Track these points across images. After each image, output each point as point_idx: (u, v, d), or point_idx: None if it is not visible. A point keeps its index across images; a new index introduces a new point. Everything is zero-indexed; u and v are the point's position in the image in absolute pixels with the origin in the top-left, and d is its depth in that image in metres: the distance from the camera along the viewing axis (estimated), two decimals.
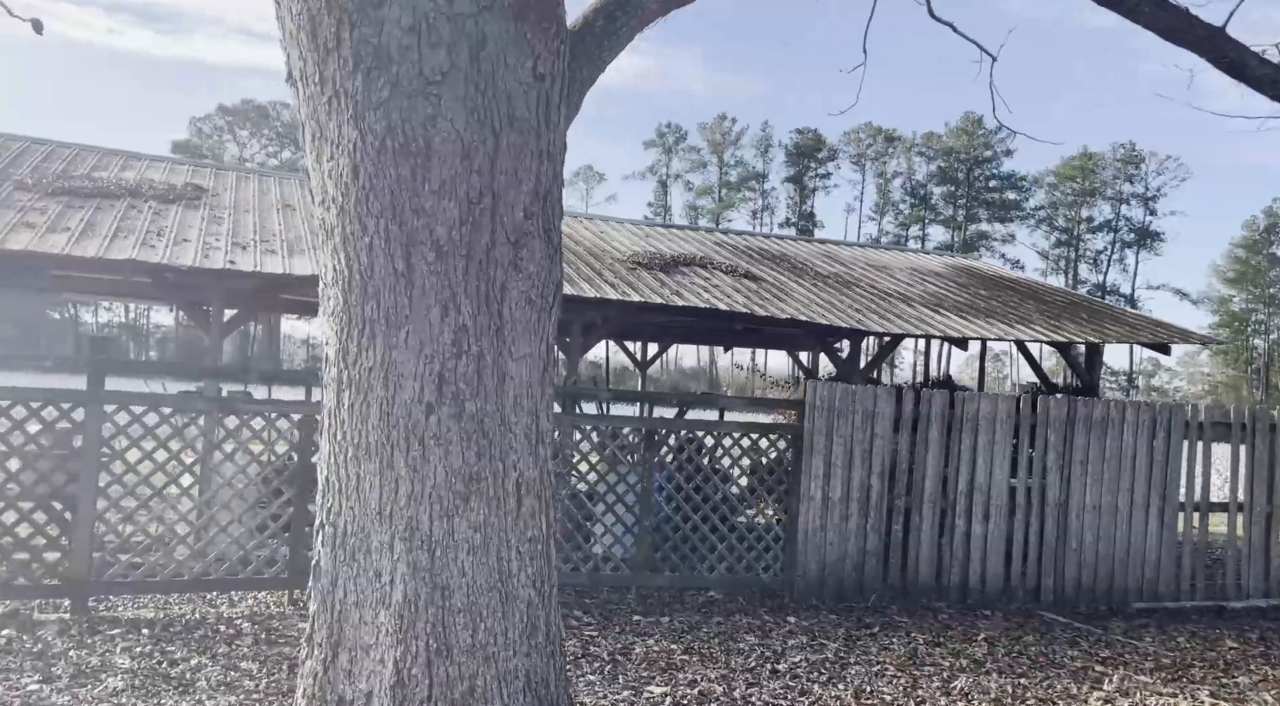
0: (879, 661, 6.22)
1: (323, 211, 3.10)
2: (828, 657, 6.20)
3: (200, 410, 6.94)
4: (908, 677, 5.83)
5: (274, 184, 12.64)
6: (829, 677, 5.72)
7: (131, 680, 4.93)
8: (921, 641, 6.96)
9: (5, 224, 8.24)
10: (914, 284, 14.28)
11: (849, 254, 16.43)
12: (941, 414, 8.87)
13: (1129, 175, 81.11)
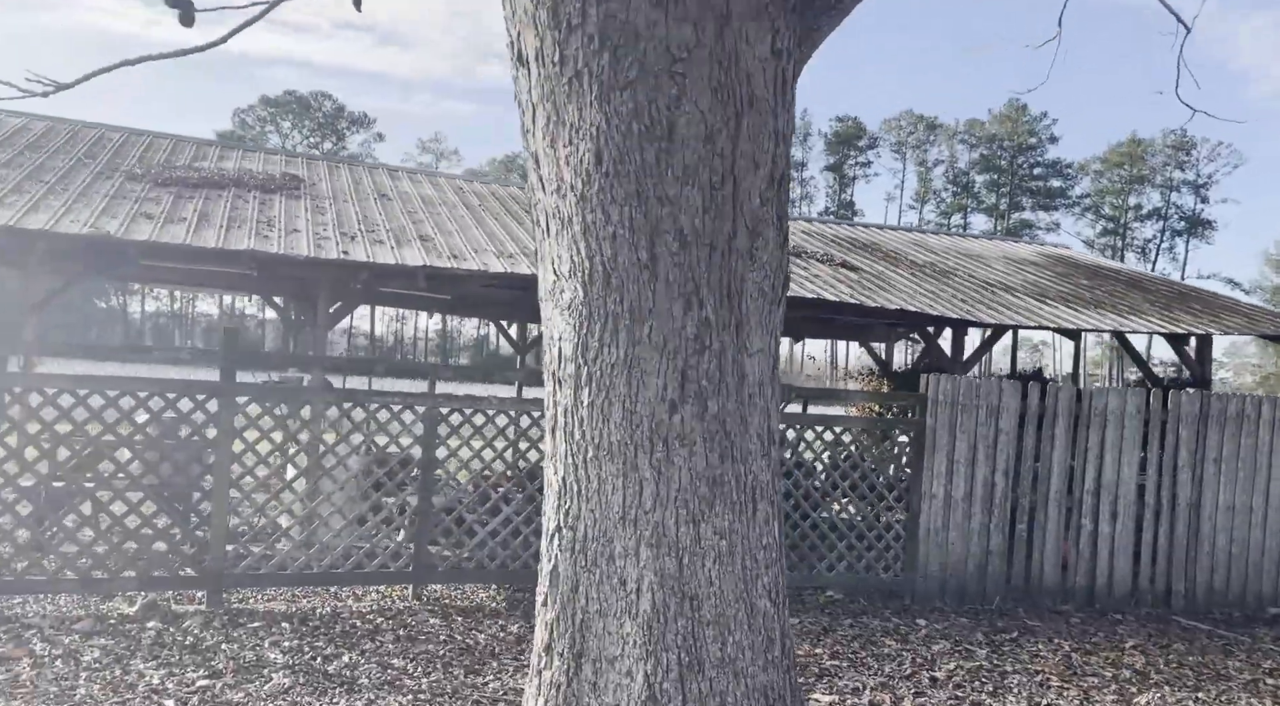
0: (1036, 670, 5.94)
1: (556, 200, 2.91)
2: (982, 665, 5.93)
3: (329, 401, 6.87)
4: (1076, 690, 5.54)
5: (364, 173, 12.62)
6: (994, 687, 5.46)
7: (295, 676, 4.84)
8: (1067, 648, 6.66)
9: (126, 214, 8.26)
10: (1012, 273, 13.83)
11: (939, 242, 16.00)
12: (1069, 408, 8.52)
13: (1180, 161, 78.58)
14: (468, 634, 6.00)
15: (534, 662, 2.99)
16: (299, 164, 12.44)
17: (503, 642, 5.81)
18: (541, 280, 3.13)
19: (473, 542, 7.04)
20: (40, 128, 11.22)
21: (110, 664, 4.93)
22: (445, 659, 5.36)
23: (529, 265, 8.98)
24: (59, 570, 6.14)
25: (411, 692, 4.71)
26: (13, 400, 6.05)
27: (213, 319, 74.34)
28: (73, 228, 7.55)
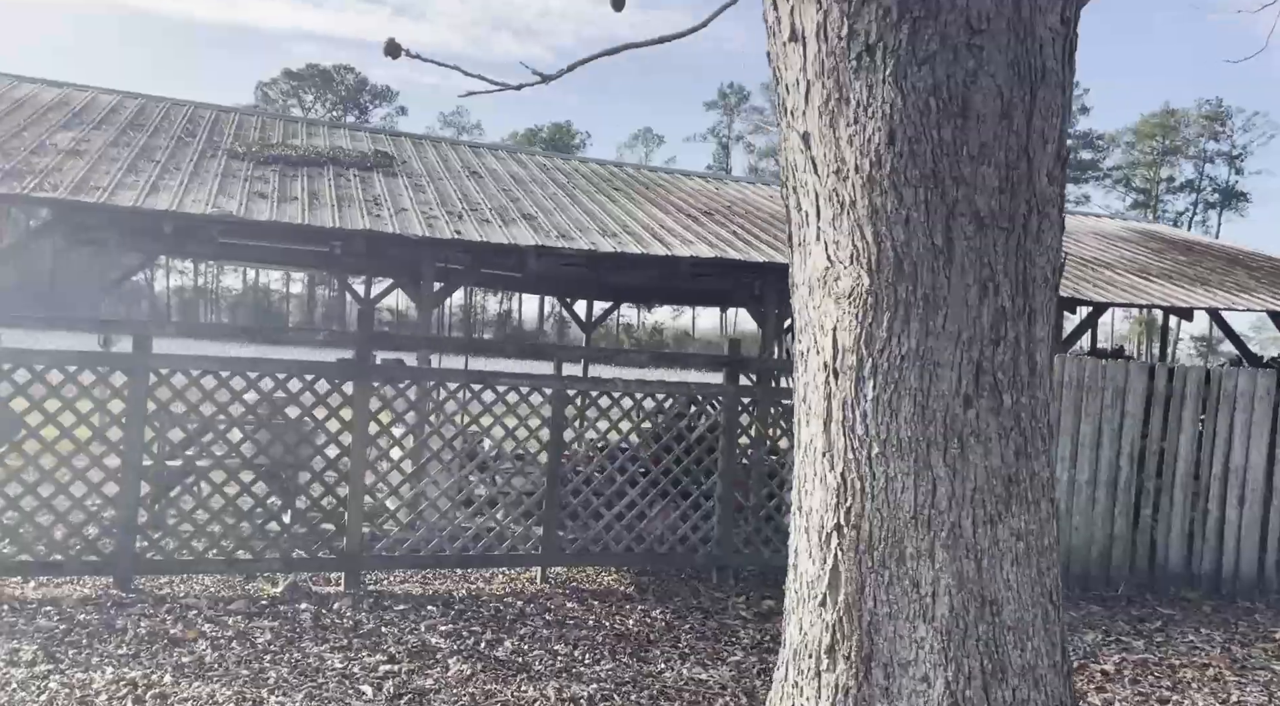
0: (1203, 663, 5.76)
1: (835, 182, 2.75)
2: (1148, 658, 5.77)
3: (460, 382, 6.80)
4: (1256, 686, 5.36)
5: (449, 151, 12.51)
6: (1172, 683, 5.30)
7: (470, 662, 4.80)
8: (1219, 639, 6.47)
9: (241, 194, 8.22)
10: (1107, 249, 13.46)
11: None
12: (1197, 391, 8.25)
13: (1214, 132, 76.20)
14: (612, 619, 5.93)
15: (809, 664, 2.86)
16: (384, 140, 12.35)
17: (654, 630, 5.74)
18: (800, 266, 2.99)
19: (599, 525, 6.97)
20: (133, 105, 11.22)
21: (285, 646, 4.91)
22: (607, 645, 5.29)
23: (636, 244, 8.85)
24: (205, 550, 6.15)
25: (592, 681, 4.64)
26: (159, 381, 6.04)
27: (238, 293, 74.92)
28: (195, 207, 7.51)
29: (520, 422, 6.97)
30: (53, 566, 5.86)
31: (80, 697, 4.06)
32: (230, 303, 74.04)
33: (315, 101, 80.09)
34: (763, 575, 7.47)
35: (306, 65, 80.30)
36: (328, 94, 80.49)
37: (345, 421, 6.47)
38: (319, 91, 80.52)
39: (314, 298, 75.89)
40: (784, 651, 3.07)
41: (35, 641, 4.76)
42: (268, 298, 77.40)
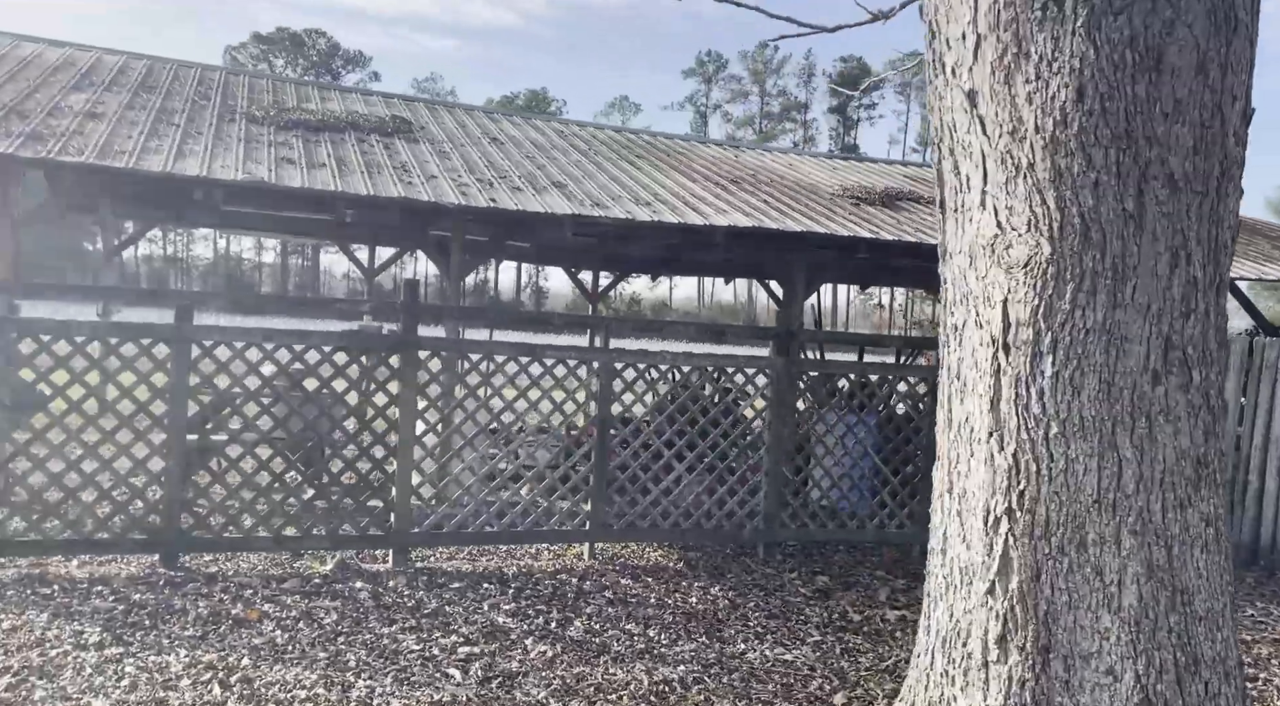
0: (1272, 636, 5.72)
1: (1008, 143, 2.59)
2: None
3: (508, 354, 6.61)
4: None
5: (465, 116, 12.21)
6: (1252, 660, 5.25)
7: (550, 643, 4.66)
8: (1277, 613, 6.44)
9: (268, 160, 7.95)
10: None
11: None
12: (1240, 363, 8.19)
13: None
14: (673, 597, 5.81)
15: (966, 653, 2.74)
16: (399, 105, 12.03)
17: (719, 608, 5.63)
18: (955, 234, 2.82)
19: (646, 501, 6.83)
20: (140, 66, 10.85)
21: (353, 627, 4.76)
22: (678, 625, 5.18)
23: (671, 213, 8.65)
24: (253, 528, 5.98)
25: (678, 662, 4.52)
26: (202, 353, 5.82)
27: (208, 262, 73.86)
28: (225, 174, 7.24)
29: (568, 396, 6.81)
30: (99, 544, 5.67)
31: (162, 681, 3.89)
32: (201, 271, 72.91)
33: (286, 66, 78.39)
34: (805, 550, 7.38)
35: (276, 29, 78.59)
36: (299, 59, 78.85)
37: (392, 395, 6.28)
38: (289, 56, 78.84)
39: (286, 267, 75.07)
40: (926, 637, 2.95)
41: (97, 623, 4.59)
42: (239, 266, 76.43)
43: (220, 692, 3.81)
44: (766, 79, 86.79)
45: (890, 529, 7.45)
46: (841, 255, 10.48)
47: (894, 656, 4.81)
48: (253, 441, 6.11)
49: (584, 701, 3.97)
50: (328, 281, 78.69)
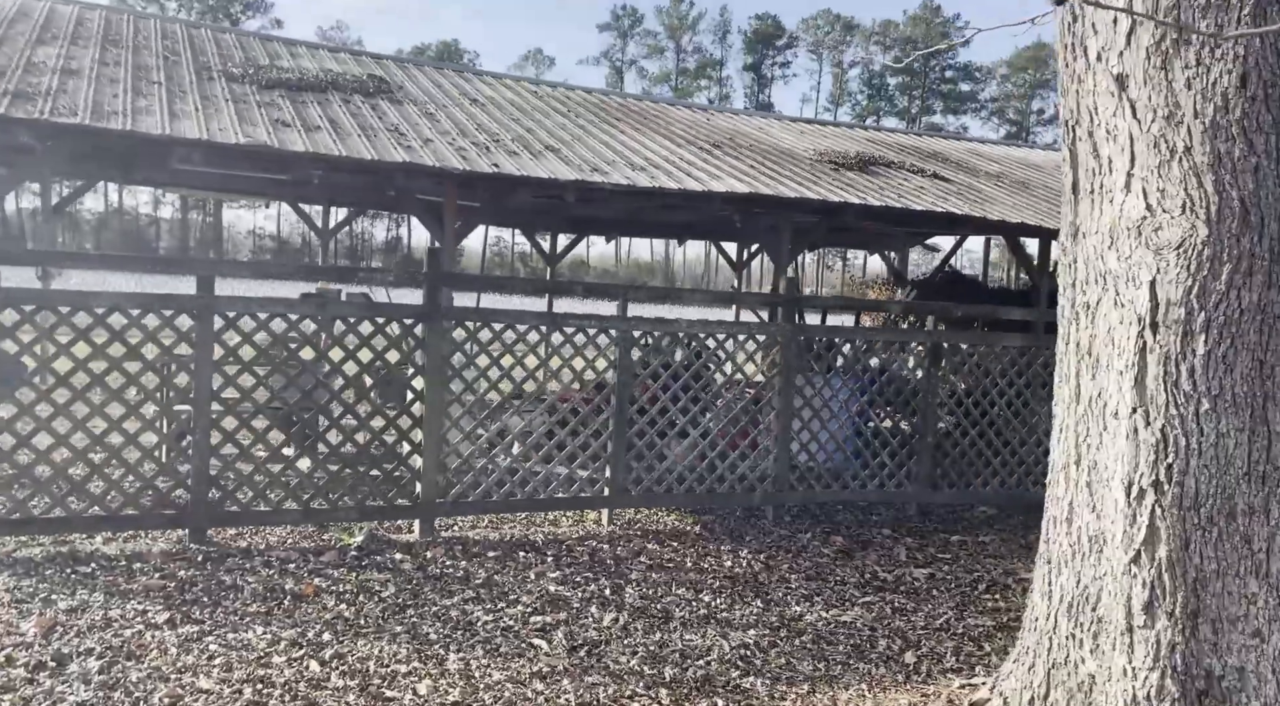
0: None
1: (1161, 126, 2.70)
2: None
3: (531, 323, 6.61)
4: None
5: (439, 76, 11.93)
6: None
7: (614, 611, 4.76)
8: None
9: (263, 122, 7.69)
10: None
11: (992, 151, 15.91)
12: None
13: None
14: (707, 560, 5.97)
15: (1098, 617, 2.92)
16: (370, 63, 11.69)
17: (756, 571, 5.80)
18: (1090, 214, 2.96)
19: (662, 466, 6.96)
20: (96, 17, 10.32)
21: (413, 599, 4.79)
22: (726, 589, 5.33)
23: (669, 179, 8.67)
24: (281, 501, 5.91)
25: (745, 627, 4.67)
26: (226, 324, 5.69)
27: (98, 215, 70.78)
28: (225, 137, 7.00)
29: (588, 364, 6.86)
30: (126, 520, 5.55)
31: (255, 659, 3.88)
32: (92, 226, 69.61)
33: (180, 8, 74.41)
34: (808, 511, 7.59)
35: None
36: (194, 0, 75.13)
37: (419, 365, 6.23)
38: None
39: (187, 222, 72.51)
40: (1046, 603, 3.13)
41: (156, 601, 4.52)
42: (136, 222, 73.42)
43: (320, 669, 3.82)
44: (682, 35, 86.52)
45: (890, 488, 7.72)
46: (825, 220, 10.66)
47: (943, 615, 5.05)
48: (282, 415, 6.02)
49: (676, 667, 4.09)
50: (232, 238, 76.31)
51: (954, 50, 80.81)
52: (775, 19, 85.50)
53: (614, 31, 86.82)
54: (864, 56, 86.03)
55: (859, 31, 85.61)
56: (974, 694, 3.58)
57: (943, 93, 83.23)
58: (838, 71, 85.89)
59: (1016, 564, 6.32)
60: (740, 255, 17.41)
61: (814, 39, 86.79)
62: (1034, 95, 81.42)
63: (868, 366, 7.80)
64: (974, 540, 7.01)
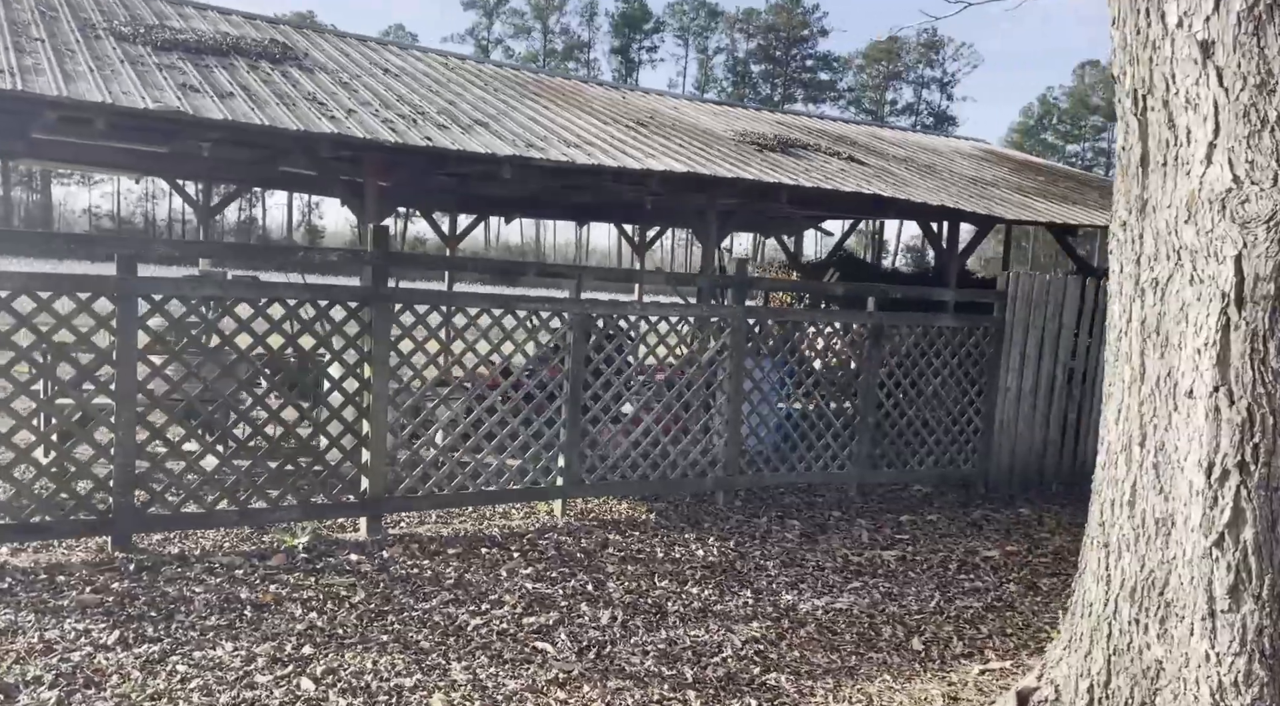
0: None
1: (1253, 97, 2.61)
2: None
3: (481, 306, 6.24)
4: None
5: (341, 43, 11.23)
6: None
7: (608, 608, 4.50)
8: None
9: (171, 86, 6.99)
10: (980, 170, 14.27)
11: (894, 136, 16.25)
12: None
13: (930, 60, 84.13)
14: (677, 549, 5.79)
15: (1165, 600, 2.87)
16: (263, 26, 10.89)
17: (731, 559, 5.66)
18: (1162, 187, 2.88)
19: (616, 453, 6.73)
20: None
21: (385, 604, 4.41)
22: (711, 580, 5.16)
23: (604, 156, 8.40)
24: (216, 502, 5.40)
25: (746, 619, 4.50)
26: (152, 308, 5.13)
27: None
28: (135, 102, 6.32)
29: (543, 349, 6.55)
30: (39, 529, 4.93)
31: (235, 680, 3.45)
32: None
33: None
34: (753, 495, 7.50)
35: None
36: None
37: (364, 352, 5.79)
38: None
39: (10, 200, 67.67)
40: (1103, 587, 3.07)
41: (97, 619, 4.00)
42: None
43: (315, 687, 3.44)
44: (550, 16, 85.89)
45: (833, 470, 7.72)
46: (751, 202, 10.60)
47: (929, 598, 5.02)
48: (214, 405, 5.49)
49: (694, 667, 3.89)
50: (64, 217, 71.56)
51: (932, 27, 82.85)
52: (642, 3, 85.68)
53: (479, 9, 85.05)
54: (728, 43, 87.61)
55: (724, 18, 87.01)
56: (1019, 681, 3.51)
57: (804, 81, 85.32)
58: (703, 58, 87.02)
59: (974, 543, 6.40)
60: (643, 238, 17.26)
61: (680, 24, 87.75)
62: (888, 86, 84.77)
63: (814, 348, 7.77)
64: (922, 519, 7.07)
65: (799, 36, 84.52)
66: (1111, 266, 3.24)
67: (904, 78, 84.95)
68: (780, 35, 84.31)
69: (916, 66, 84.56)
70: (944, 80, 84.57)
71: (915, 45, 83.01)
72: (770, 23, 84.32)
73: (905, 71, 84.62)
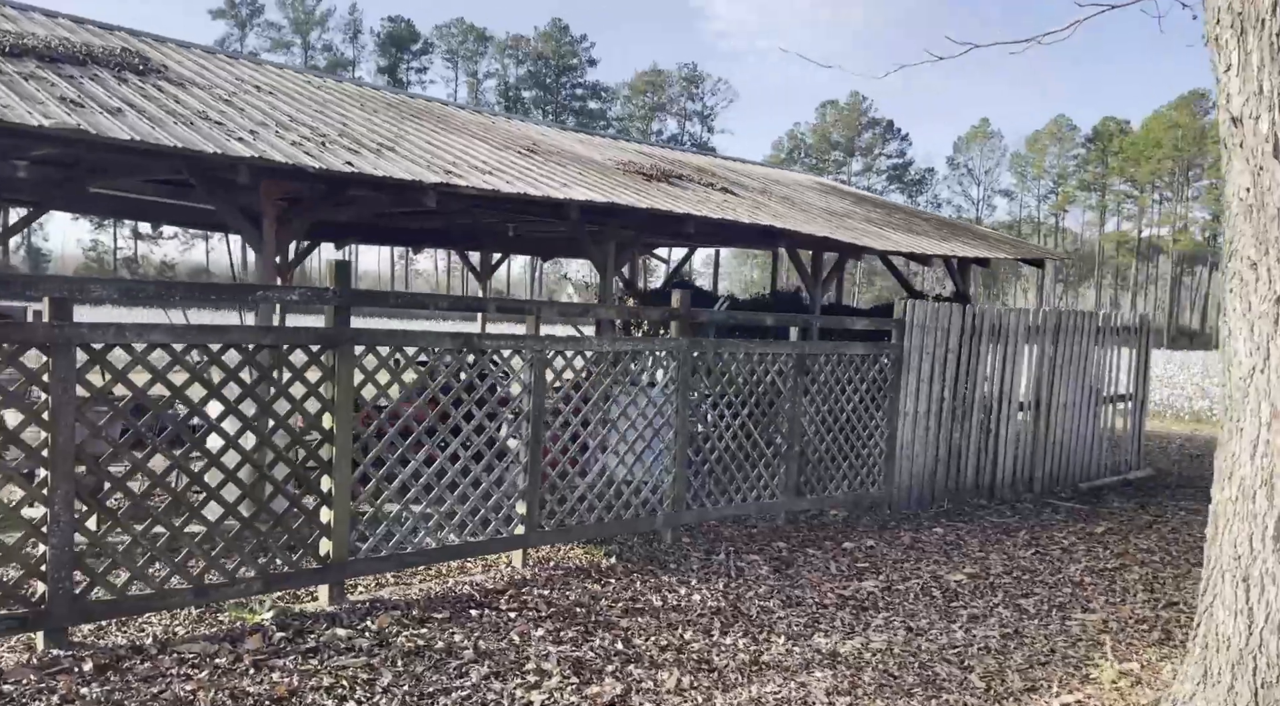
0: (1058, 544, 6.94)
1: None
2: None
3: (446, 347, 5.80)
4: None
5: (201, 57, 10.22)
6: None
7: (669, 672, 4.23)
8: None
9: (48, 97, 6.04)
10: (829, 202, 14.97)
11: (746, 169, 16.77)
12: (993, 327, 9.68)
13: (691, 93, 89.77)
14: (666, 596, 5.60)
15: None
16: (96, 30, 9.71)
17: (730, 602, 5.53)
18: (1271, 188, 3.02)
19: (574, 496, 6.47)
20: None
21: (415, 685, 3.95)
22: (700, 625, 5.00)
23: (523, 184, 8.11)
24: (167, 578, 4.68)
25: (802, 668, 4.37)
26: (91, 359, 4.39)
27: None
28: (29, 119, 5.40)
29: (504, 389, 6.17)
30: None
31: None
32: None
33: None
34: (689, 528, 7.41)
35: None
36: None
37: (326, 399, 5.23)
38: None
39: None
40: (1243, 620, 3.20)
41: None
42: None
43: None
44: (310, 31, 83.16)
45: (765, 499, 7.79)
46: (642, 234, 10.58)
47: (947, 630, 5.09)
48: (162, 470, 4.75)
49: None
50: None
51: None
52: (409, 23, 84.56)
53: (230, 19, 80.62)
54: (499, 68, 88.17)
55: (494, 43, 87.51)
56: None
57: (575, 108, 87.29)
58: (473, 81, 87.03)
59: (930, 567, 6.59)
60: (486, 263, 16.85)
61: (449, 47, 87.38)
62: (652, 116, 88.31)
63: (747, 380, 7.80)
64: (864, 546, 7.24)
65: (568, 65, 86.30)
66: (1232, 304, 3.41)
67: (668, 109, 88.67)
68: (550, 63, 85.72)
69: (679, 99, 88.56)
70: (704, 113, 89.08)
71: (678, 78, 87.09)
72: (539, 49, 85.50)
73: (669, 103, 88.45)
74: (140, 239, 70.80)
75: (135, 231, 69.18)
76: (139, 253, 70.11)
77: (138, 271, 64.75)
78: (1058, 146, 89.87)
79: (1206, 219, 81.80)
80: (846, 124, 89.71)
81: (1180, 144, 77.85)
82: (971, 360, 9.53)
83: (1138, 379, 11.67)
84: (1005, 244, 15.57)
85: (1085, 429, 10.87)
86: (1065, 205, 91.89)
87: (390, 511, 5.58)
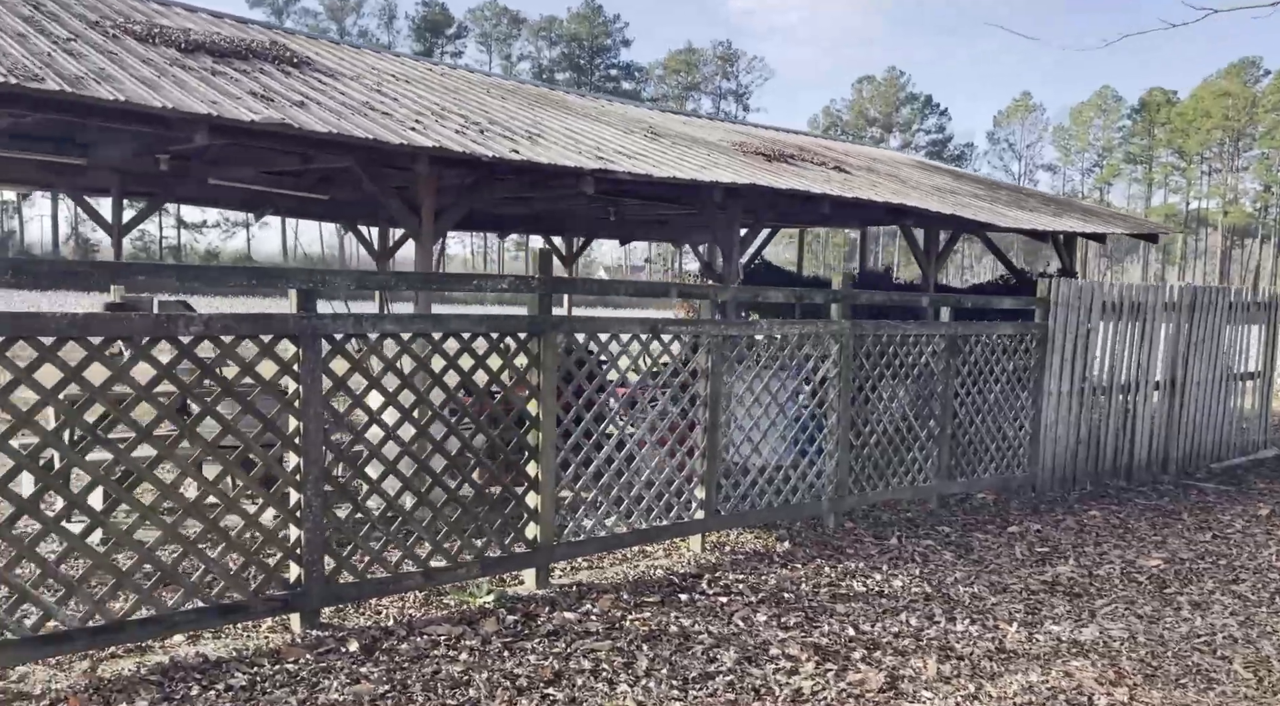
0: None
1: None
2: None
3: (633, 332, 5.84)
4: None
5: (332, 48, 10.38)
6: None
7: (923, 659, 4.25)
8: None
9: (242, 92, 6.19)
10: (932, 179, 14.73)
11: (844, 147, 16.60)
12: (1133, 304, 9.44)
13: (726, 72, 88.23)
14: (863, 581, 5.60)
15: None
16: (238, 25, 9.92)
17: (934, 588, 5.52)
18: None
19: (746, 481, 6.49)
20: None
21: (652, 670, 4.01)
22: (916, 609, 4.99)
23: (673, 168, 8.10)
24: (400, 562, 4.80)
25: (1052, 656, 4.35)
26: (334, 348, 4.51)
27: None
28: (243, 115, 5.55)
29: (683, 371, 6.21)
30: (231, 610, 4.23)
31: None
32: None
33: None
34: (851, 514, 7.39)
35: None
36: None
37: (533, 386, 5.30)
38: None
39: None
40: None
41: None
42: None
43: None
44: (346, 17, 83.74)
45: (919, 483, 7.73)
46: (769, 213, 10.53)
47: (1181, 621, 5.01)
48: (396, 455, 4.87)
49: None
50: None
51: None
52: (443, 7, 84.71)
53: (267, 7, 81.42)
54: (533, 50, 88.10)
55: (527, 26, 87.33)
56: None
57: (609, 89, 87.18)
58: (507, 64, 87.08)
59: (1117, 551, 6.49)
60: (569, 247, 16.92)
61: (482, 30, 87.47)
62: (686, 96, 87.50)
63: (905, 362, 7.72)
64: (1031, 530, 7.15)
65: (602, 45, 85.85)
66: None
67: (702, 88, 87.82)
68: (584, 44, 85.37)
69: (713, 78, 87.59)
70: (739, 92, 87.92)
71: (713, 57, 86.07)
72: (573, 31, 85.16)
73: (704, 82, 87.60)
74: (185, 228, 72.12)
75: (179, 220, 70.41)
76: (182, 241, 71.57)
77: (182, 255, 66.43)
78: (1103, 118, 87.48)
79: (1258, 190, 79.13)
80: (884, 99, 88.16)
81: (1230, 113, 75.20)
82: (1113, 338, 9.34)
83: (1267, 357, 11.36)
84: (1117, 219, 15.21)
85: (1216, 408, 10.61)
86: (1110, 178, 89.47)
87: (587, 497, 5.67)
